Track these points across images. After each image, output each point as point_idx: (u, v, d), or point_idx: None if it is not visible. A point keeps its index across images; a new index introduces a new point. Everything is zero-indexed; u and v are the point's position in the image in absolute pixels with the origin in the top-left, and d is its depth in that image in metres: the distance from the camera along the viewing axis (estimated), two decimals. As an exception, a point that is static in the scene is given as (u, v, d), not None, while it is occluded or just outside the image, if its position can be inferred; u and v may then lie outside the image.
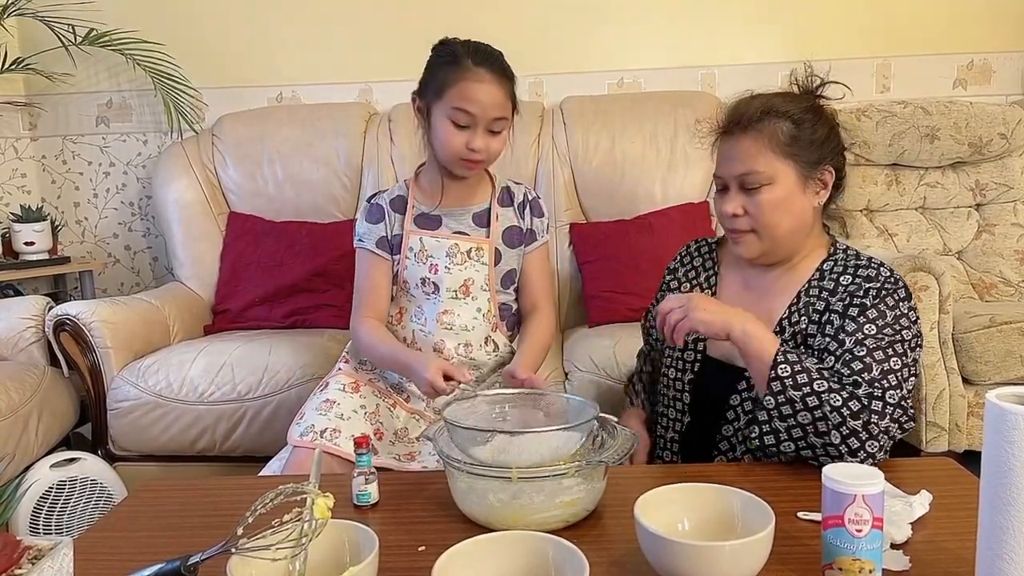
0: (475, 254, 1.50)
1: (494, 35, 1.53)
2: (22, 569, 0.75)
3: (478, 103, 1.38)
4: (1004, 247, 2.46)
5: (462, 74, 1.38)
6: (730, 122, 1.22)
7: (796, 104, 1.21)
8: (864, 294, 1.16)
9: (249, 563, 0.78)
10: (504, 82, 1.41)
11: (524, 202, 1.56)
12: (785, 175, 1.19)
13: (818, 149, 1.21)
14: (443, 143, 1.42)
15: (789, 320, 1.23)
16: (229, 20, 2.85)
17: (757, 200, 1.20)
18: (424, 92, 1.45)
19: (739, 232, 1.24)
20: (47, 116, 2.95)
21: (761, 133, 1.19)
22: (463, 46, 1.42)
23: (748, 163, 1.19)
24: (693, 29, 2.78)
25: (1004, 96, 2.75)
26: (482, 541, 0.82)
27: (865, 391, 1.08)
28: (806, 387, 1.08)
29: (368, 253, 1.52)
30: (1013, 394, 0.73)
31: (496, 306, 1.53)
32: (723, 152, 1.24)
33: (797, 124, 1.19)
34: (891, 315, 1.14)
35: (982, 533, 0.74)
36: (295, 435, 1.43)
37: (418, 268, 1.49)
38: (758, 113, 1.19)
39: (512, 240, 1.54)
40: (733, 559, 0.80)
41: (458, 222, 1.52)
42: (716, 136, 1.27)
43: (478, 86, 1.38)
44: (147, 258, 3.03)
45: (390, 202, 1.53)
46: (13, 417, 1.98)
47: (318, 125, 2.67)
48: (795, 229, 1.22)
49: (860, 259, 1.23)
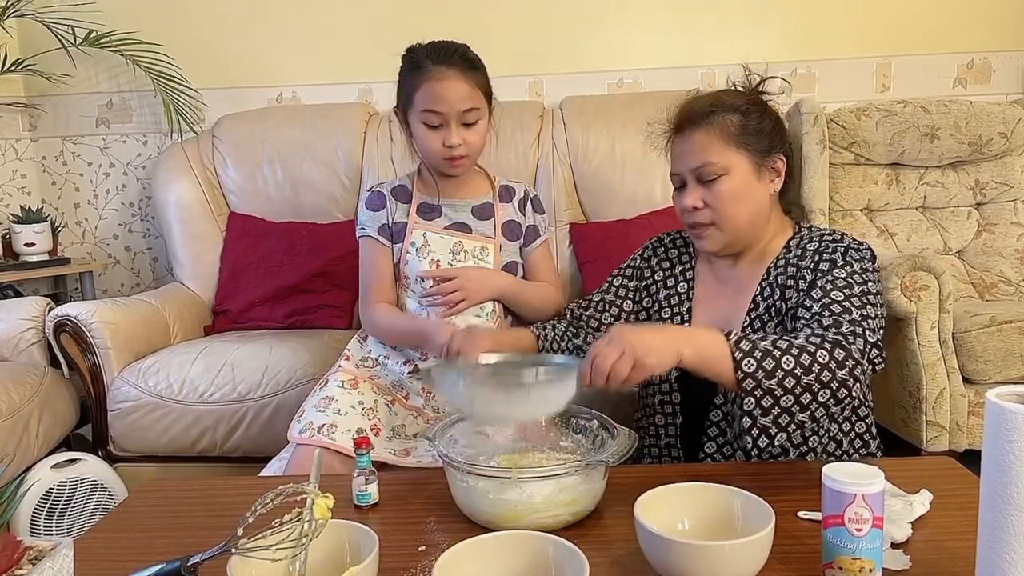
0: (480, 253, 1.52)
1: (494, 35, 1.54)
2: (23, 570, 0.75)
3: (443, 100, 1.41)
4: (1004, 246, 2.46)
5: (424, 76, 1.42)
6: (681, 120, 1.26)
7: (742, 98, 1.26)
8: (833, 251, 1.19)
9: (249, 563, 0.78)
10: (468, 74, 1.44)
11: (524, 199, 1.60)
12: (739, 164, 1.22)
13: (767, 138, 1.24)
14: (422, 147, 1.47)
15: (762, 295, 1.25)
16: (229, 21, 2.86)
17: (715, 191, 1.23)
18: (400, 103, 1.49)
19: (701, 226, 1.26)
20: (47, 117, 2.95)
21: (712, 126, 1.22)
22: (424, 49, 1.46)
23: (702, 155, 1.22)
24: (693, 29, 2.78)
25: (1004, 95, 2.75)
26: (482, 541, 0.82)
27: (848, 329, 1.08)
28: (777, 371, 1.03)
29: (371, 241, 1.53)
30: (1013, 393, 0.73)
31: (499, 304, 1.54)
32: (677, 150, 1.28)
33: (745, 115, 1.23)
34: (859, 267, 1.17)
35: (982, 532, 0.74)
36: (294, 432, 1.44)
37: (420, 263, 1.50)
38: (707, 108, 1.23)
39: (512, 234, 1.57)
40: (733, 559, 0.80)
41: (457, 212, 1.54)
42: (669, 137, 1.30)
43: (440, 83, 1.41)
44: (147, 259, 3.03)
45: (392, 190, 1.56)
46: (13, 418, 1.98)
47: (318, 125, 2.67)
48: (754, 218, 1.25)
49: (825, 231, 1.26)
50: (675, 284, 1.38)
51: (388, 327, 1.52)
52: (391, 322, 1.51)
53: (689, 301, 1.35)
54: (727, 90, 1.30)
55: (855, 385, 1.06)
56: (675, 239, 1.43)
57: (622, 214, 2.51)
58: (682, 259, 1.40)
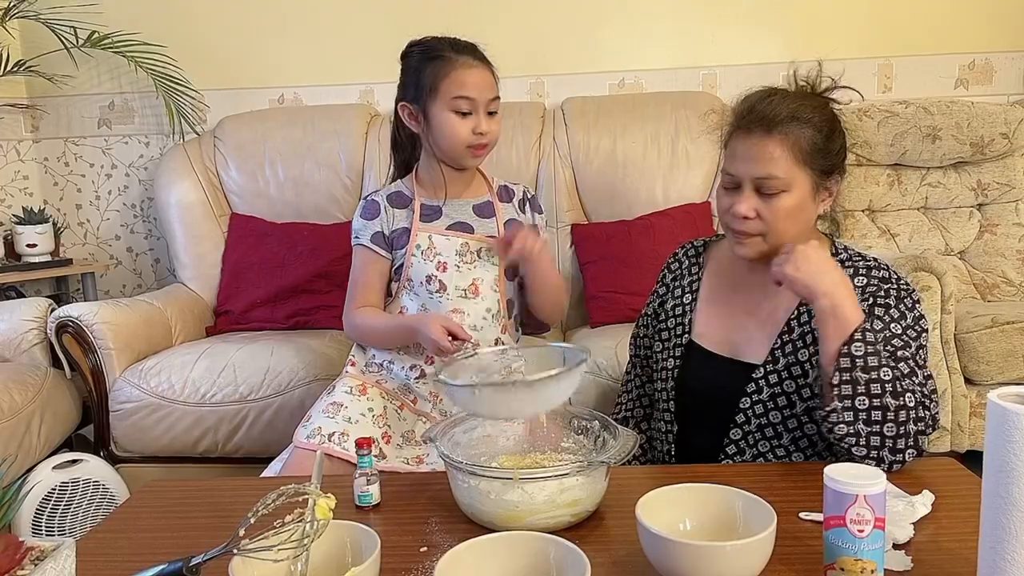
0: (485, 254, 1.51)
1: (495, 36, 1.54)
2: (25, 570, 0.75)
3: (475, 87, 1.42)
4: (1006, 247, 2.46)
5: (451, 65, 1.43)
6: (754, 119, 1.17)
7: (820, 112, 1.18)
8: (885, 295, 1.16)
9: (251, 564, 0.78)
10: (488, 65, 1.47)
11: (524, 199, 1.60)
12: (801, 183, 1.17)
13: (833, 159, 1.19)
14: (449, 136, 1.44)
15: (798, 320, 1.21)
16: (230, 22, 2.86)
17: (773, 206, 1.16)
18: (415, 96, 1.47)
19: (746, 234, 1.20)
20: (49, 118, 2.95)
21: (787, 137, 1.15)
22: (436, 41, 1.47)
23: (769, 167, 1.15)
24: (694, 29, 2.78)
25: (1006, 96, 2.75)
26: (484, 542, 0.82)
27: (921, 394, 1.07)
28: (873, 371, 1.04)
29: (363, 249, 1.53)
30: (1015, 394, 0.73)
31: (504, 305, 1.53)
32: (741, 150, 1.18)
33: (819, 132, 1.16)
34: (911, 317, 1.15)
35: (984, 533, 0.74)
36: (301, 437, 1.42)
37: (425, 265, 1.49)
38: (786, 115, 1.15)
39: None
40: (735, 559, 0.80)
41: (458, 212, 1.53)
42: (730, 130, 1.21)
43: (470, 71, 1.43)
44: (149, 260, 3.03)
45: (387, 198, 1.54)
46: (15, 419, 1.98)
47: (319, 127, 2.67)
48: (799, 234, 1.20)
49: (866, 259, 1.22)
50: (681, 295, 1.36)
51: (370, 328, 1.51)
52: (373, 323, 1.50)
53: (691, 312, 1.32)
54: (800, 95, 1.20)
55: (912, 444, 1.06)
56: (688, 250, 1.40)
57: (623, 215, 2.51)
58: (692, 269, 1.37)
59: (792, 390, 1.20)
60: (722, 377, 1.25)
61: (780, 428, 1.21)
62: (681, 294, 1.35)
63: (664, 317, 1.37)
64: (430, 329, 1.35)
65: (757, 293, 1.26)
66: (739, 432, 1.23)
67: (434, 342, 1.34)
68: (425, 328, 1.36)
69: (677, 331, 1.33)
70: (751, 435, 1.22)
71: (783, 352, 1.21)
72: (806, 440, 1.21)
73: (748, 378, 1.22)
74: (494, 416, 1.11)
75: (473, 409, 1.09)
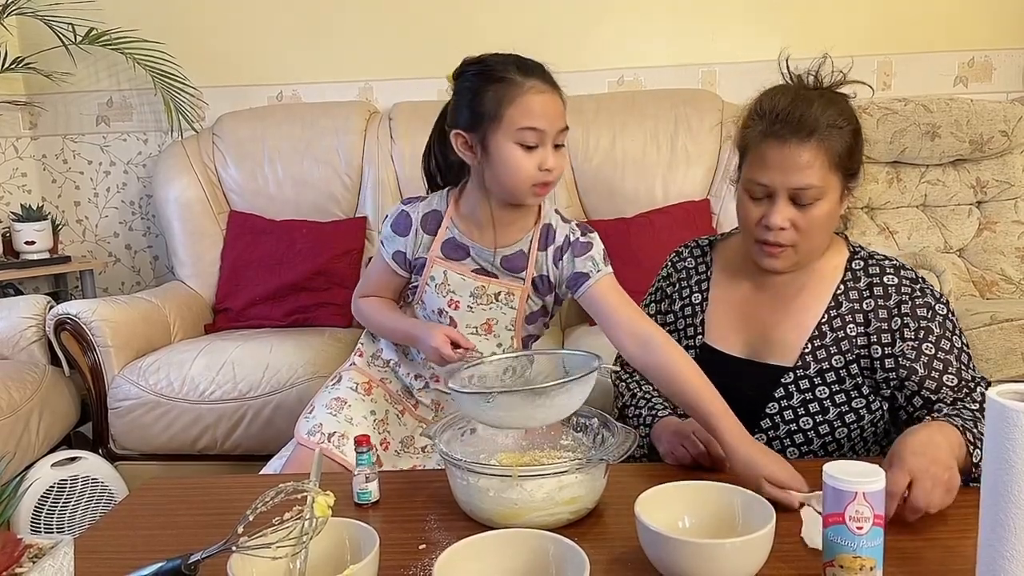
0: (504, 298, 1.37)
1: (494, 34, 1.52)
2: (23, 568, 0.75)
3: (545, 116, 1.23)
4: (1005, 244, 2.46)
5: (518, 90, 1.23)
6: (787, 125, 1.10)
7: (848, 115, 1.14)
8: (921, 294, 1.15)
9: (250, 561, 0.78)
10: (557, 90, 1.29)
11: (564, 245, 1.35)
12: (833, 188, 1.12)
13: (858, 161, 1.15)
14: (514, 172, 1.23)
15: (830, 325, 1.18)
16: (229, 19, 2.85)
17: (810, 215, 1.11)
18: (471, 123, 1.25)
19: (778, 246, 1.14)
20: (47, 115, 2.95)
21: (823, 143, 1.09)
22: (498, 60, 1.27)
23: (807, 176, 1.09)
24: (693, 27, 2.78)
25: (1005, 93, 2.75)
26: (483, 539, 0.82)
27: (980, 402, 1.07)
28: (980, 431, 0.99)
29: (382, 259, 1.43)
30: (1014, 391, 0.73)
31: (519, 341, 1.44)
32: (773, 158, 1.11)
33: (851, 136, 1.12)
34: (950, 324, 1.14)
35: (983, 530, 0.74)
36: (303, 431, 1.41)
37: (437, 299, 1.39)
38: (826, 120, 1.09)
39: (543, 288, 1.39)
40: (734, 557, 0.80)
41: (484, 259, 1.36)
42: (755, 135, 1.14)
43: (540, 98, 1.24)
44: (148, 257, 3.03)
45: (422, 217, 1.37)
46: (14, 416, 1.98)
47: (318, 124, 2.67)
48: (825, 242, 1.18)
49: (888, 258, 1.20)
50: (690, 295, 1.31)
51: (376, 318, 1.44)
52: (378, 317, 1.43)
53: (702, 313, 1.29)
54: (833, 98, 1.14)
55: None
56: (692, 249, 1.35)
57: (623, 213, 2.51)
58: (699, 269, 1.32)
59: (825, 396, 1.17)
60: (744, 380, 1.21)
61: (811, 434, 1.19)
62: (689, 294, 1.32)
63: (673, 319, 1.33)
64: (432, 337, 1.27)
65: (778, 293, 1.23)
66: (764, 437, 1.19)
67: (435, 350, 1.26)
68: (427, 337, 1.28)
69: (688, 332, 1.30)
70: (778, 440, 1.19)
71: (815, 357, 1.18)
72: (835, 444, 1.19)
73: (775, 382, 1.19)
74: (507, 425, 1.09)
75: (484, 418, 1.07)
